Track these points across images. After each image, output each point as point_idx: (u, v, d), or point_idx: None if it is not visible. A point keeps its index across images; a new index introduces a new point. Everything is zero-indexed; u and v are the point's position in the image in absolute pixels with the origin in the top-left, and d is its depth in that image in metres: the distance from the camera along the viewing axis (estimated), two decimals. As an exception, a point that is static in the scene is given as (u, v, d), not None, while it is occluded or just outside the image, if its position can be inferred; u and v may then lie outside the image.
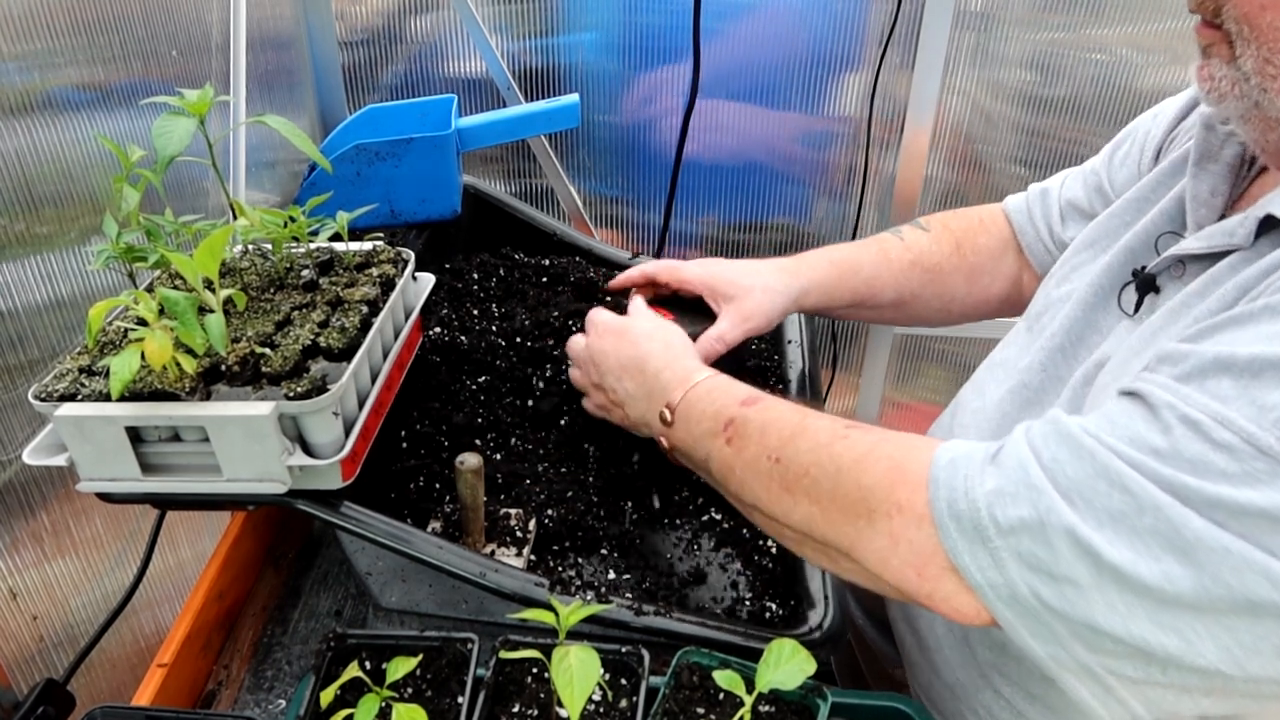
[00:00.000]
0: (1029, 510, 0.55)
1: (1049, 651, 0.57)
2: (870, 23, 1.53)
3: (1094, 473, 0.54)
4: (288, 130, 0.81)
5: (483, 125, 1.30)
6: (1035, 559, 0.55)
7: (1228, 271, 0.64)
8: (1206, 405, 0.53)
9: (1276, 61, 0.58)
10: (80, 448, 0.73)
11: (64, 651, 0.93)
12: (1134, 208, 0.84)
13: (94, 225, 0.93)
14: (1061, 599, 0.55)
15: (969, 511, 0.57)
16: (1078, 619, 0.55)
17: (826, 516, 0.65)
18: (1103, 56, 1.53)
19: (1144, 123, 0.92)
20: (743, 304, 0.96)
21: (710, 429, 0.75)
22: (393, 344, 0.88)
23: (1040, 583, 0.55)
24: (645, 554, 0.89)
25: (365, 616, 0.94)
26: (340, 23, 1.55)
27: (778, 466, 0.69)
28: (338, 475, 0.76)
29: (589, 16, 1.56)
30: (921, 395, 1.94)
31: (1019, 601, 0.56)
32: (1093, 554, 0.53)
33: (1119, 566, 0.52)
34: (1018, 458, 0.58)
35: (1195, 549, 0.51)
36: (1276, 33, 0.58)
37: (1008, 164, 1.66)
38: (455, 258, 1.29)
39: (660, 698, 0.66)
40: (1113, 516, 0.53)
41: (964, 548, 0.58)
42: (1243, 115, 0.64)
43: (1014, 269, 1.05)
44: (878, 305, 1.05)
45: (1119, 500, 0.53)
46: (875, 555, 0.62)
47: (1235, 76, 0.62)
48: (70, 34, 0.90)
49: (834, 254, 1.04)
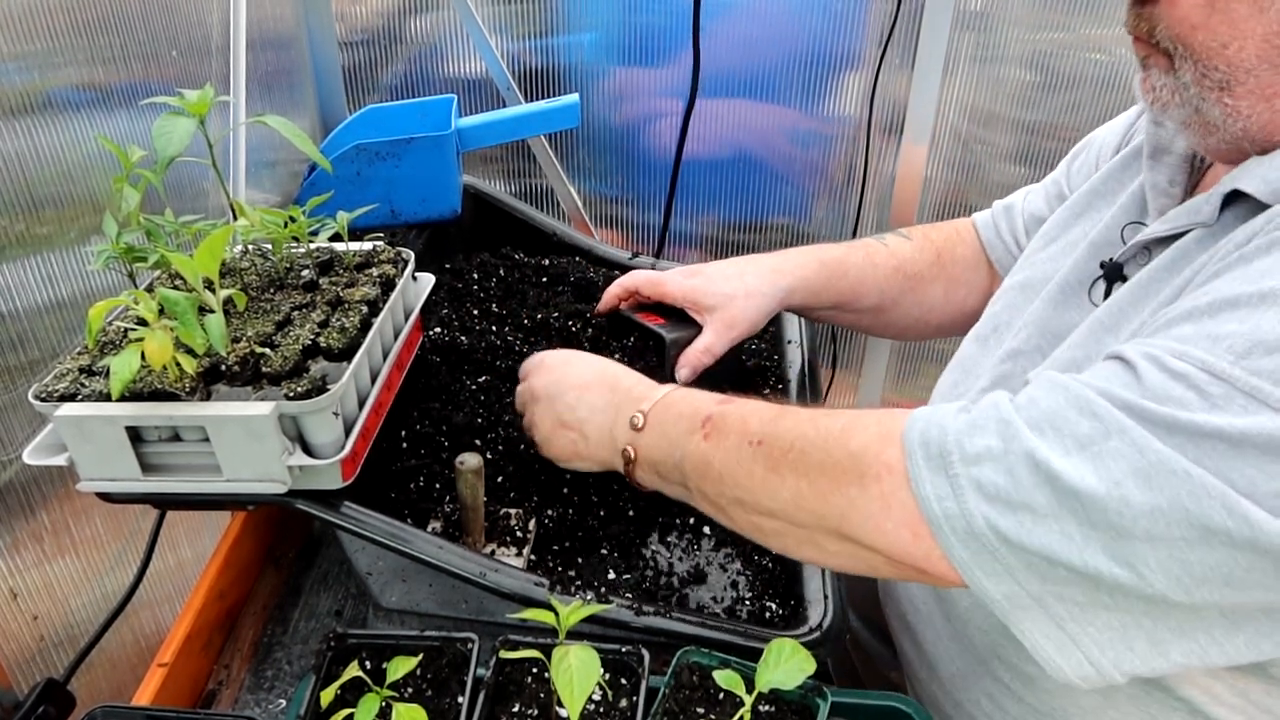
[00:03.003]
0: (995, 440, 0.57)
1: (1004, 590, 0.57)
2: (870, 23, 1.53)
3: (1065, 403, 0.56)
4: (288, 130, 0.81)
5: (483, 125, 1.31)
6: (995, 487, 0.56)
7: (1195, 247, 0.66)
8: (1167, 345, 0.56)
9: (1212, 75, 0.62)
10: (80, 448, 0.73)
11: (64, 651, 0.93)
12: (1085, 200, 0.87)
13: (94, 226, 0.93)
14: (1018, 528, 0.55)
15: (938, 439, 0.59)
16: (1033, 548, 0.55)
17: (815, 488, 0.64)
18: (1103, 56, 1.53)
19: (1100, 133, 0.95)
20: (725, 313, 0.96)
21: (687, 428, 0.75)
22: (393, 344, 0.88)
23: (997, 513, 0.56)
24: (645, 554, 0.89)
25: (365, 616, 0.94)
26: (340, 23, 1.55)
27: (760, 449, 0.68)
28: (338, 475, 0.76)
29: (589, 16, 1.57)
30: (921, 395, 1.93)
31: (975, 536, 0.57)
32: (1052, 478, 0.54)
33: (1079, 490, 0.53)
34: (991, 399, 0.60)
35: (1156, 472, 0.52)
36: (1208, 49, 0.61)
37: (1007, 164, 1.66)
38: (455, 258, 1.29)
39: (660, 697, 0.66)
40: (1079, 442, 0.54)
41: (926, 477, 0.58)
42: (1184, 121, 0.66)
43: (986, 282, 1.07)
44: (858, 309, 1.06)
45: (1087, 426, 0.55)
46: (870, 522, 0.61)
47: (1175, 85, 0.65)
48: (70, 34, 0.90)
49: (823, 254, 1.04)
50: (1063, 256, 0.84)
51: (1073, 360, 0.72)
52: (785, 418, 0.69)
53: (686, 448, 0.74)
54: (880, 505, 0.61)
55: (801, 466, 0.65)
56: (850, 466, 0.62)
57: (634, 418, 0.79)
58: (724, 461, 0.71)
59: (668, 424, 0.77)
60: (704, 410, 0.74)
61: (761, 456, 0.68)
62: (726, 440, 0.71)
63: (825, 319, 1.11)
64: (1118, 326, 0.70)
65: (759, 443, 0.69)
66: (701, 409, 0.75)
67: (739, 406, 0.74)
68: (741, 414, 0.72)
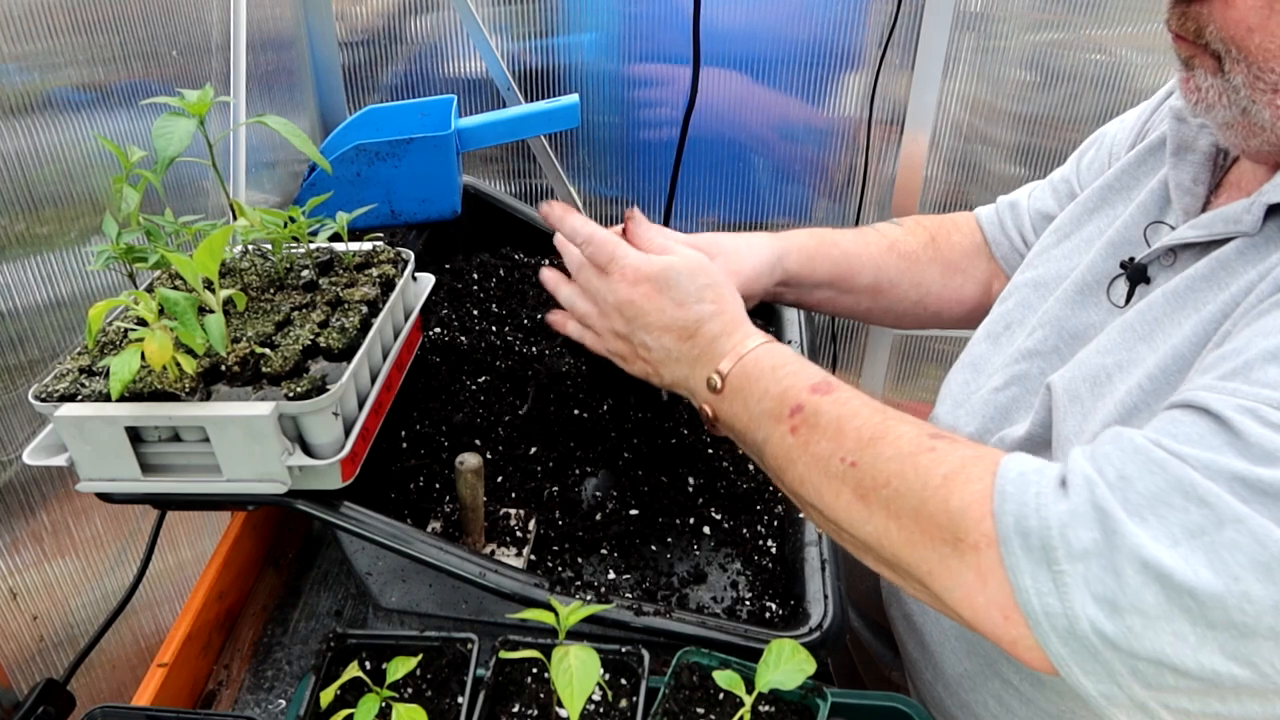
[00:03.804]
0: (1097, 533, 0.51)
1: (1101, 690, 0.53)
2: (870, 23, 1.53)
3: (1167, 486, 0.51)
4: (288, 131, 0.81)
5: (482, 125, 1.31)
6: (1101, 587, 0.51)
7: (1236, 258, 0.64)
8: (1260, 394, 0.51)
9: (1267, 78, 0.59)
10: (80, 448, 0.73)
11: (64, 651, 0.93)
12: (1100, 196, 0.85)
13: (94, 226, 0.93)
14: (1126, 633, 0.50)
15: (1038, 530, 0.53)
16: (1143, 653, 0.50)
17: (906, 536, 0.59)
18: (1103, 56, 1.53)
19: (1111, 128, 0.93)
20: (729, 259, 0.94)
21: (771, 410, 0.69)
22: (392, 344, 0.88)
23: (1104, 615, 0.51)
24: (645, 554, 0.89)
25: (365, 617, 0.94)
26: (340, 23, 1.55)
27: (853, 471, 0.62)
28: (337, 475, 0.76)
29: (589, 16, 1.57)
30: (921, 395, 1.94)
31: (1076, 637, 0.52)
32: (1163, 576, 0.49)
33: (1194, 589, 0.48)
34: (1083, 476, 0.54)
35: (1279, 563, 0.47)
36: (1265, 52, 0.58)
37: (1007, 164, 1.66)
38: (455, 258, 1.29)
39: (660, 698, 0.66)
40: (1189, 531, 0.49)
41: (1025, 568, 0.53)
42: (1227, 122, 0.64)
43: (985, 273, 1.05)
44: (855, 289, 1.03)
45: (1196, 514, 0.49)
46: (960, 591, 0.56)
47: (1223, 87, 0.62)
48: (70, 34, 0.90)
49: (813, 229, 1.04)
50: (1077, 254, 0.83)
51: (1102, 367, 0.69)
52: (884, 443, 0.62)
53: (770, 434, 0.69)
54: (975, 577, 0.56)
55: (894, 507, 0.60)
56: (946, 524, 0.57)
57: (711, 379, 0.74)
58: (808, 468, 0.65)
59: (750, 396, 0.71)
60: (794, 396, 0.68)
61: (852, 480, 0.62)
62: (815, 444, 0.65)
63: (823, 303, 1.06)
64: (1152, 335, 0.67)
65: (852, 464, 0.63)
66: (791, 393, 0.68)
67: (835, 404, 0.66)
68: (837, 418, 0.65)
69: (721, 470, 0.97)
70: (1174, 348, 0.65)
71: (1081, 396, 0.71)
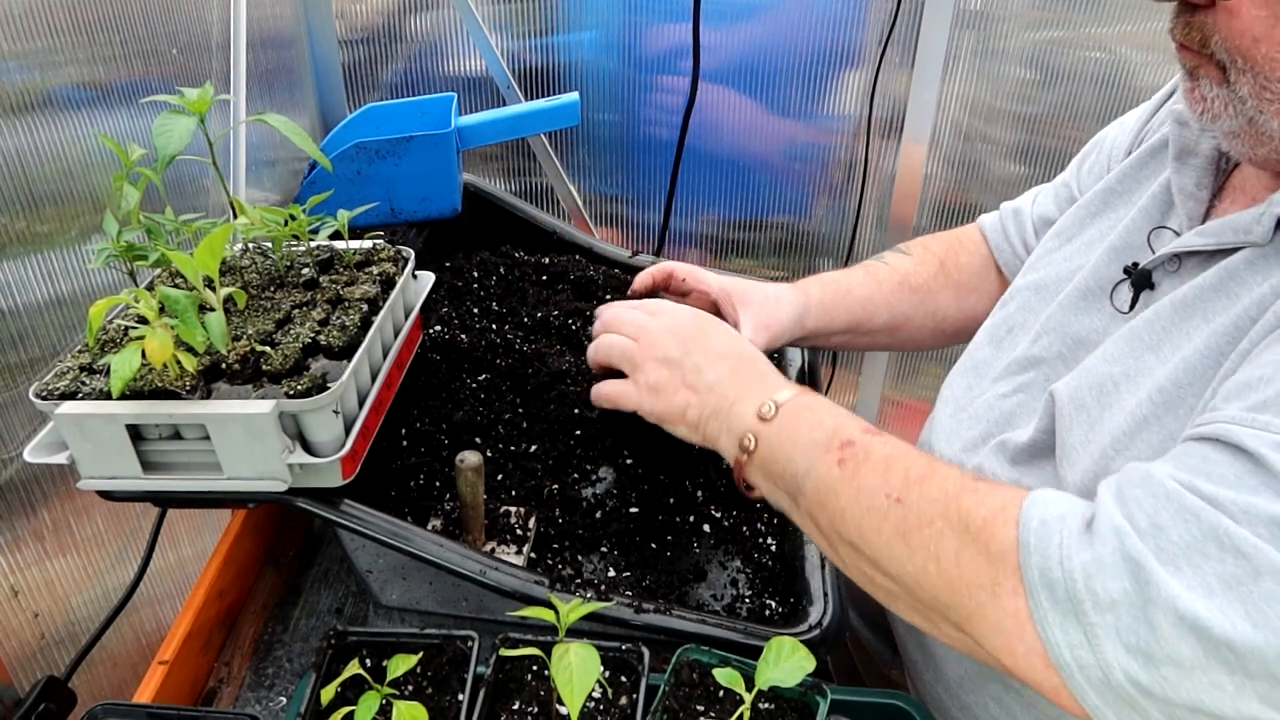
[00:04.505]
0: (1128, 583, 0.51)
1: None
2: (870, 22, 1.53)
3: (1201, 535, 0.50)
4: (288, 129, 0.81)
5: (483, 124, 1.31)
6: (1134, 638, 0.50)
7: (1246, 269, 0.63)
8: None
9: (1273, 88, 0.58)
10: (81, 446, 0.73)
11: (65, 649, 0.93)
12: (1101, 200, 0.85)
13: (94, 224, 0.93)
14: (1162, 683, 0.50)
15: (1063, 581, 0.53)
16: (1179, 702, 0.50)
17: (946, 579, 0.58)
18: (1103, 56, 1.53)
19: (1110, 132, 0.93)
20: (760, 311, 0.95)
21: (822, 440, 0.68)
22: (393, 342, 0.88)
23: (1138, 666, 0.51)
24: (645, 551, 0.89)
25: (366, 614, 0.95)
26: (340, 21, 1.55)
27: (898, 507, 0.61)
28: (338, 473, 0.76)
29: (589, 15, 1.57)
30: (920, 394, 1.94)
31: (1111, 687, 0.52)
32: (1199, 630, 0.48)
33: (1232, 641, 0.48)
34: (1112, 525, 0.53)
35: None
36: (1271, 62, 0.57)
37: (1007, 162, 1.66)
38: (455, 256, 1.29)
39: (660, 695, 0.66)
40: (1225, 582, 0.49)
41: (1054, 621, 0.53)
42: (1233, 132, 0.63)
43: (996, 287, 1.05)
44: (872, 330, 1.04)
45: (1232, 565, 0.49)
46: (999, 638, 0.56)
47: (1229, 98, 0.61)
48: (70, 33, 0.90)
49: (823, 278, 1.04)
50: (1079, 258, 0.83)
51: (1109, 376, 0.69)
52: (930, 483, 0.62)
53: (815, 464, 0.67)
54: (1013, 624, 0.55)
55: (935, 548, 0.59)
56: (986, 569, 0.56)
57: (764, 405, 0.72)
58: (852, 501, 0.64)
59: (801, 427, 0.70)
60: (846, 432, 0.68)
61: (896, 517, 0.62)
62: (863, 479, 0.64)
63: (842, 345, 1.07)
64: (1160, 345, 0.67)
65: (898, 500, 0.62)
66: (844, 428, 0.68)
67: (885, 445, 0.66)
68: (887, 456, 0.65)
69: (722, 469, 0.97)
70: (1184, 359, 0.64)
71: (1088, 406, 0.70)
